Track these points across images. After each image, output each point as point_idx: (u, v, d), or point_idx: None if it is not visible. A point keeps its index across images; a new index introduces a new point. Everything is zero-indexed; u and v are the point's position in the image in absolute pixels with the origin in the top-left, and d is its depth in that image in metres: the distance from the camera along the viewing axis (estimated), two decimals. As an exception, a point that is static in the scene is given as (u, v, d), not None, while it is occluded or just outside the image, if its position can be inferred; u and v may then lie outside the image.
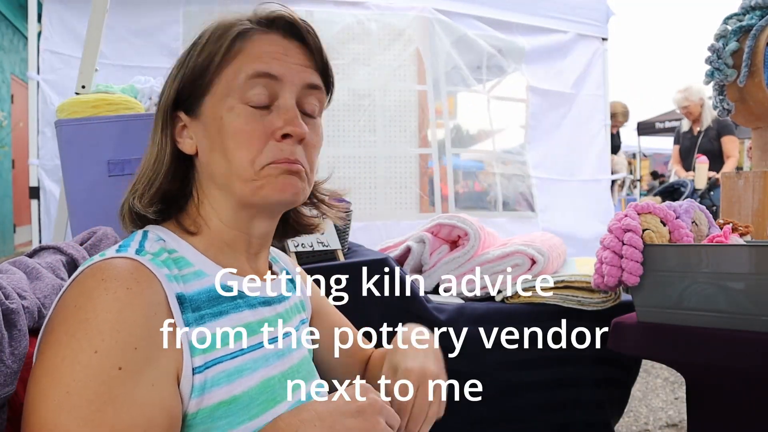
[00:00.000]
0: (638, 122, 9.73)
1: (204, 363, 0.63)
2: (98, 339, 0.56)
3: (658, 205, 1.31)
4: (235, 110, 0.69)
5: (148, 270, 0.63)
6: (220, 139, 0.69)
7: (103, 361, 0.56)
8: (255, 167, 0.69)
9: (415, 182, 3.70)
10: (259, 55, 0.70)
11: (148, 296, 0.61)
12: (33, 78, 2.90)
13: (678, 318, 1.22)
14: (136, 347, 0.58)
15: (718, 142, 4.40)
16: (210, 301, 0.68)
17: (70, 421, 0.54)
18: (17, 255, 0.89)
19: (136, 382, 0.57)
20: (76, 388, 0.55)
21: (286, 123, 0.69)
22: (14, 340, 0.67)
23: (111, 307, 0.58)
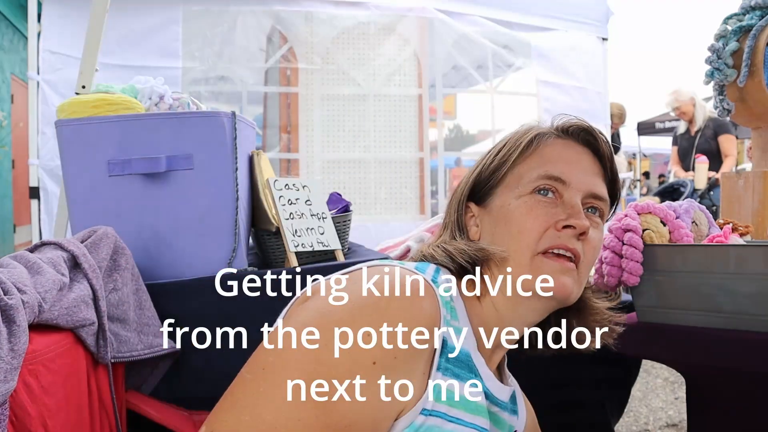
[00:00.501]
0: (638, 122, 9.74)
1: (432, 410, 0.64)
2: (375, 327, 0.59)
3: (658, 205, 1.30)
4: (523, 198, 0.74)
5: (438, 301, 0.66)
6: (504, 223, 0.74)
7: (367, 349, 0.58)
8: (533, 254, 0.72)
9: (415, 182, 3.70)
10: (552, 158, 0.76)
11: (428, 322, 0.63)
12: (33, 78, 2.90)
13: (678, 318, 1.22)
14: (396, 356, 0.60)
15: (716, 142, 4.41)
16: (456, 360, 0.69)
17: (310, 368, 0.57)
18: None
19: (374, 382, 0.59)
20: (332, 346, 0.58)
21: (569, 216, 0.73)
22: (13, 336, 0.67)
23: (404, 311, 0.61)
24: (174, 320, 1.15)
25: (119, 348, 1.00)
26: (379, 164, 3.61)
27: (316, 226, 1.40)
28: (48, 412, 0.79)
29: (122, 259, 1.07)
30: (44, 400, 0.79)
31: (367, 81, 3.60)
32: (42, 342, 0.81)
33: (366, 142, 3.61)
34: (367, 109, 3.62)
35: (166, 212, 1.26)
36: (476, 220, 0.79)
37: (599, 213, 0.78)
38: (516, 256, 0.73)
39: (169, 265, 1.24)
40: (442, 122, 4.25)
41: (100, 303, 0.95)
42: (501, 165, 0.78)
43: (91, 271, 0.95)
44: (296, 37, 3.47)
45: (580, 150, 0.78)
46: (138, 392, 1.11)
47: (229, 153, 1.27)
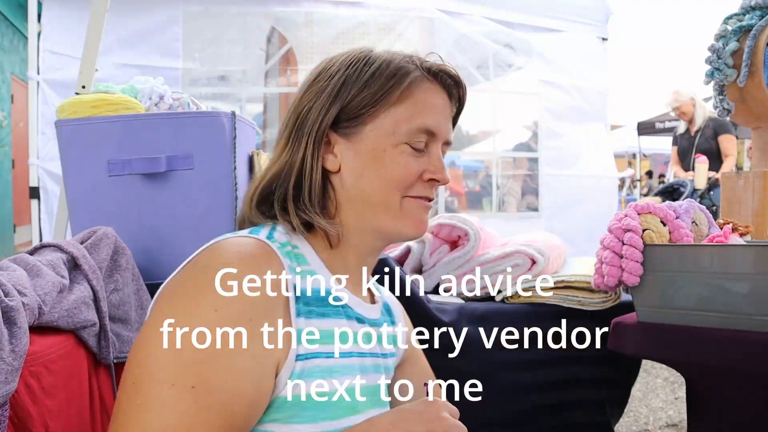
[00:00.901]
0: (638, 122, 9.74)
1: (305, 353, 0.68)
2: (221, 300, 0.62)
3: (658, 205, 1.31)
4: (399, 148, 0.77)
5: (277, 256, 0.69)
6: (377, 167, 0.76)
7: (219, 321, 0.61)
8: (401, 197, 0.77)
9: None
10: (428, 108, 0.78)
11: (273, 278, 0.66)
12: (33, 78, 2.90)
13: (678, 318, 1.22)
14: (251, 318, 0.63)
15: (716, 141, 4.42)
16: (318, 300, 0.73)
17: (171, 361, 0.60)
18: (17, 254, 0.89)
19: (240, 349, 0.62)
20: (186, 335, 0.60)
21: (437, 170, 0.79)
22: (14, 337, 0.67)
23: (239, 274, 0.64)
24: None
25: (121, 348, 1.00)
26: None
27: (316, 226, 1.40)
28: (49, 414, 0.79)
29: (123, 259, 1.07)
30: (45, 401, 0.78)
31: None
32: (43, 343, 0.81)
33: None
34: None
35: (166, 212, 1.26)
36: (335, 149, 0.78)
37: None
38: (387, 200, 0.76)
39: (169, 265, 1.23)
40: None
41: (101, 304, 0.95)
42: (374, 102, 0.77)
43: (91, 272, 0.95)
44: (296, 38, 3.47)
45: (444, 97, 0.82)
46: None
47: (229, 153, 1.27)
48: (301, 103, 0.80)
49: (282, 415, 0.66)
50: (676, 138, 4.87)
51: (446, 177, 0.80)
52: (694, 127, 4.56)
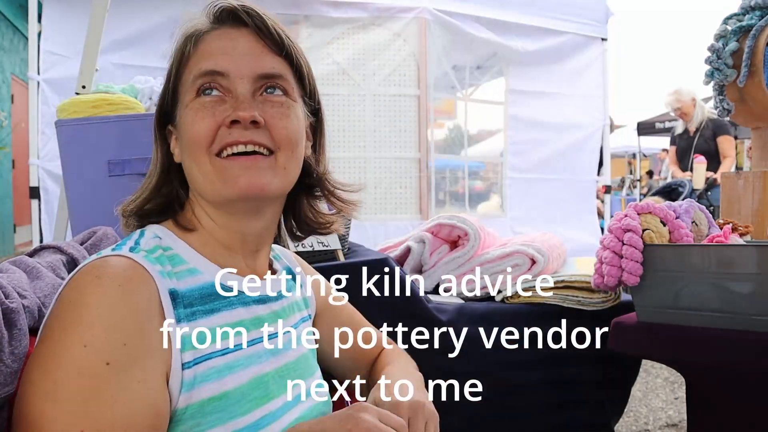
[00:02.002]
0: (638, 122, 9.74)
1: (194, 359, 0.64)
2: (88, 334, 0.58)
3: (658, 205, 1.31)
4: (189, 106, 0.70)
5: (142, 267, 0.64)
6: (183, 137, 0.71)
7: (91, 356, 0.57)
8: (210, 157, 0.69)
9: (414, 183, 3.71)
10: (207, 54, 0.71)
11: (140, 293, 0.62)
12: (33, 78, 2.90)
13: (678, 318, 1.22)
14: (125, 343, 0.59)
15: (714, 142, 4.43)
16: (202, 298, 0.69)
17: (55, 411, 0.55)
18: (17, 255, 0.89)
19: (123, 378, 0.58)
20: (63, 379, 0.56)
21: (234, 109, 0.69)
22: (14, 339, 0.67)
23: (102, 303, 0.59)
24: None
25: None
26: (378, 164, 3.61)
27: (316, 226, 1.40)
28: (48, 413, 0.78)
29: (122, 259, 1.06)
30: (44, 401, 0.78)
31: (366, 81, 3.60)
32: (42, 343, 0.81)
33: (365, 142, 3.61)
34: (366, 109, 3.62)
35: (166, 212, 1.26)
36: (177, 142, 0.75)
37: (283, 90, 0.73)
38: (199, 168, 0.69)
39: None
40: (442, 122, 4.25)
41: (101, 303, 0.95)
42: (175, 81, 0.73)
43: (91, 271, 0.95)
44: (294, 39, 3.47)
45: (236, 34, 0.72)
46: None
47: (229, 153, 1.27)
48: None
49: (186, 426, 0.63)
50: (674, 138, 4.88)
51: (246, 113, 0.68)
52: (693, 128, 4.57)
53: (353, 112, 3.61)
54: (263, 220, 0.76)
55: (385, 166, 3.61)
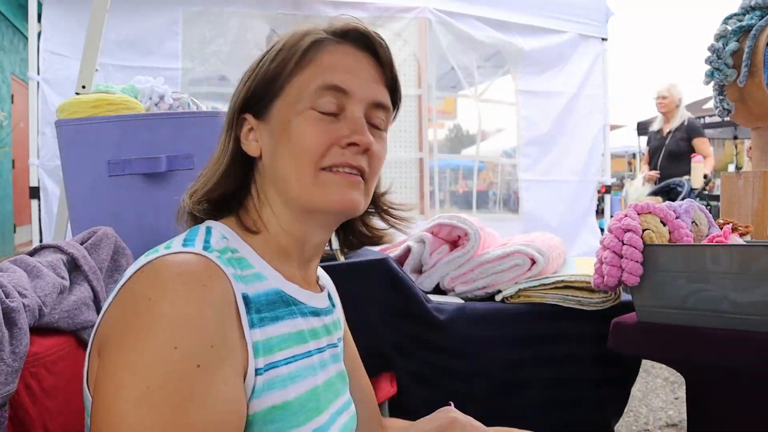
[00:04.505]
0: (638, 122, 9.73)
1: (264, 365, 0.64)
2: (178, 335, 0.56)
3: (658, 205, 1.31)
4: (303, 114, 0.70)
5: (219, 267, 0.63)
6: (285, 141, 0.70)
7: (183, 358, 0.56)
8: (316, 169, 0.70)
9: (414, 183, 3.70)
10: (331, 66, 0.72)
11: (222, 294, 0.62)
12: (33, 78, 2.89)
13: (678, 318, 1.22)
14: (212, 345, 0.58)
15: (686, 143, 4.55)
16: (269, 304, 0.68)
17: (151, 416, 0.54)
18: (17, 255, 0.89)
19: (212, 380, 0.57)
20: (156, 384, 0.54)
21: (353, 132, 0.70)
22: (15, 338, 0.67)
23: (189, 302, 0.58)
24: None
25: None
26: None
27: (316, 226, 1.40)
28: (49, 415, 0.79)
29: (123, 259, 1.07)
30: (45, 402, 0.78)
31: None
32: (43, 344, 0.81)
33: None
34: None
35: (166, 212, 1.25)
36: (255, 134, 0.74)
37: (384, 121, 0.76)
38: (299, 175, 0.70)
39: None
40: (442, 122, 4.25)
41: (102, 304, 0.95)
42: (277, 75, 0.72)
43: (91, 272, 0.95)
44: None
45: (360, 56, 0.74)
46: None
47: (230, 153, 1.27)
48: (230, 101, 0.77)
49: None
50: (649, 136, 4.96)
51: (366, 139, 0.70)
52: (668, 128, 4.66)
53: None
54: (329, 233, 0.79)
55: (385, 166, 3.61)
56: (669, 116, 4.68)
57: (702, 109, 7.95)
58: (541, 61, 3.93)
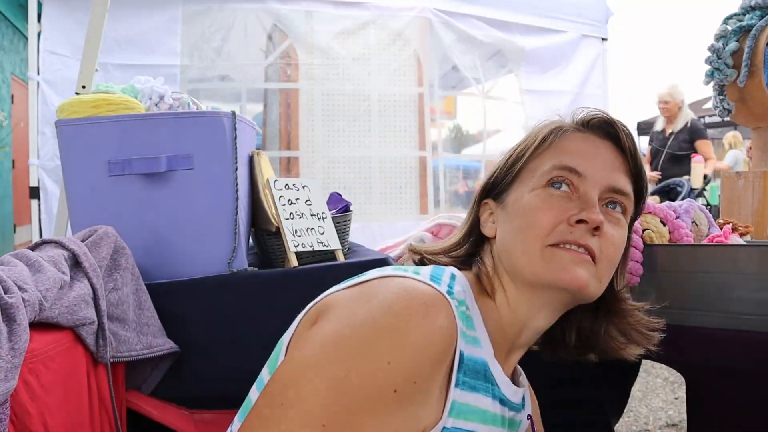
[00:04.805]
0: (638, 122, 9.73)
1: (452, 427, 0.64)
2: (398, 353, 0.57)
3: (658, 205, 1.31)
4: (535, 191, 0.73)
5: (454, 316, 0.63)
6: (516, 217, 0.73)
7: (388, 376, 0.56)
8: (543, 245, 0.70)
9: (415, 183, 3.70)
10: (569, 150, 0.74)
11: (447, 341, 0.62)
12: (33, 78, 2.90)
13: (678, 318, 1.22)
14: (416, 381, 0.58)
15: (688, 145, 4.55)
16: (474, 372, 0.68)
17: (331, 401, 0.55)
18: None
19: (398, 410, 0.57)
20: (353, 380, 0.56)
21: (582, 210, 0.70)
22: (14, 334, 0.67)
23: (423, 333, 0.59)
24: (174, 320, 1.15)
25: (118, 348, 1.00)
26: (379, 163, 3.61)
27: (316, 226, 1.40)
28: (48, 411, 0.79)
29: (122, 258, 1.07)
30: (44, 398, 0.78)
31: (367, 79, 3.60)
32: (42, 341, 0.81)
33: (366, 141, 3.61)
34: (367, 107, 3.62)
35: (166, 212, 1.26)
36: (493, 217, 0.78)
37: (621, 208, 0.75)
38: (526, 248, 0.71)
39: (169, 265, 1.24)
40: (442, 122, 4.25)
41: (100, 302, 0.95)
42: (518, 159, 0.77)
43: (91, 270, 0.95)
44: (297, 35, 3.47)
45: (600, 143, 0.75)
46: (138, 391, 1.11)
47: (229, 153, 1.27)
48: None
49: None
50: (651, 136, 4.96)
51: (595, 216, 0.69)
52: (670, 129, 4.66)
53: (353, 112, 3.61)
54: (550, 319, 0.76)
55: (386, 165, 3.61)
56: (672, 118, 4.67)
57: (702, 109, 7.95)
58: (542, 60, 3.93)
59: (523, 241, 0.71)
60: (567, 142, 0.75)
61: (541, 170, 0.73)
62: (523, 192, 0.74)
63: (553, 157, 0.74)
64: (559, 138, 0.75)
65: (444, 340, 0.61)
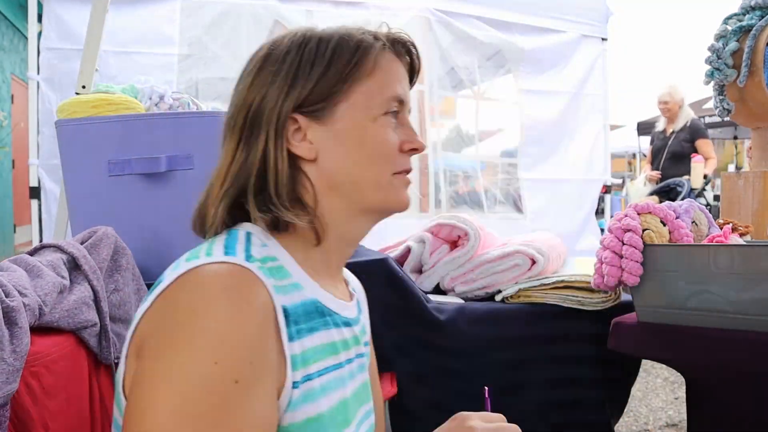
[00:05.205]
0: (638, 122, 9.73)
1: (301, 378, 0.64)
2: (219, 350, 0.57)
3: (658, 205, 1.31)
4: (379, 122, 0.73)
5: (261, 282, 0.62)
6: (360, 146, 0.72)
7: (223, 373, 0.56)
8: (391, 174, 0.74)
9: (415, 182, 3.70)
10: (396, 78, 0.76)
11: (264, 309, 0.61)
12: (33, 78, 2.89)
13: (678, 318, 1.22)
14: (252, 361, 0.58)
15: (689, 144, 4.55)
16: (306, 315, 0.68)
17: (185, 429, 0.54)
18: (17, 255, 0.90)
19: (248, 396, 0.58)
20: (193, 397, 0.55)
21: (413, 139, 0.76)
22: (15, 337, 0.67)
23: (232, 318, 0.58)
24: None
25: (121, 349, 1.00)
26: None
27: (317, 226, 1.40)
28: (49, 414, 0.79)
29: (123, 259, 1.07)
30: (46, 402, 0.78)
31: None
32: (44, 344, 0.81)
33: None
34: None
35: (166, 212, 1.26)
36: (308, 135, 0.71)
37: None
38: (379, 179, 0.73)
39: (169, 265, 1.24)
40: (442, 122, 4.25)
41: (102, 304, 0.95)
42: (345, 78, 0.71)
43: (91, 272, 0.95)
44: None
45: (404, 64, 0.79)
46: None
47: (230, 153, 1.27)
48: (250, 95, 0.72)
49: None
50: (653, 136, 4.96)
51: (422, 145, 0.77)
52: (671, 128, 4.66)
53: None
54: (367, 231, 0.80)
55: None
56: (672, 118, 4.68)
57: (702, 109, 7.95)
58: (542, 60, 3.92)
59: (376, 173, 0.73)
60: (389, 66, 0.75)
61: (379, 98, 0.73)
62: (362, 119, 0.72)
63: (383, 83, 0.74)
64: (381, 59, 0.74)
65: (257, 311, 0.60)
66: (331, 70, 0.71)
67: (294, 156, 0.72)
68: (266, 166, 0.70)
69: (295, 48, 0.72)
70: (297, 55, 0.72)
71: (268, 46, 0.75)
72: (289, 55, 0.72)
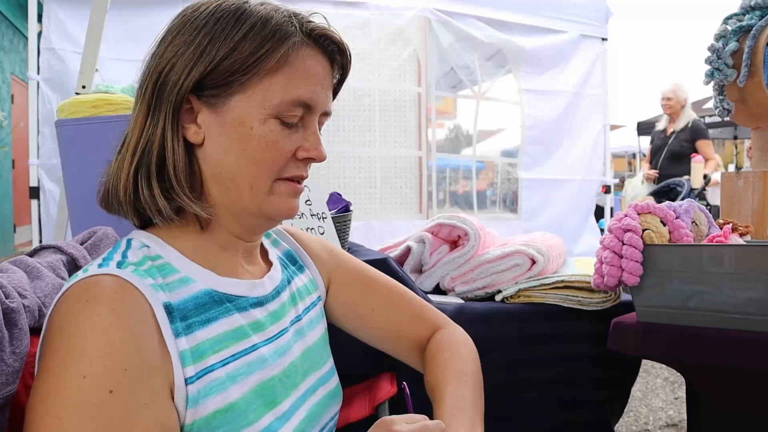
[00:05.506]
0: (638, 122, 9.74)
1: (196, 373, 0.63)
2: (86, 364, 0.56)
3: (658, 205, 1.31)
4: (268, 125, 0.68)
5: (132, 285, 0.61)
6: (242, 145, 0.68)
7: (93, 386, 0.55)
8: (272, 180, 0.70)
9: (415, 182, 3.71)
10: (305, 77, 0.69)
11: (135, 314, 0.60)
12: (33, 78, 2.90)
13: (678, 318, 1.22)
14: (126, 368, 0.57)
15: (690, 145, 4.55)
16: (198, 308, 0.66)
17: None
18: (17, 255, 0.89)
19: (128, 403, 0.56)
20: (67, 415, 0.54)
21: (312, 147, 0.71)
22: (15, 338, 0.67)
23: (97, 330, 0.57)
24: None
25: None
26: (379, 162, 3.61)
27: (316, 226, 1.40)
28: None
29: (122, 259, 1.06)
30: (45, 401, 0.78)
31: (367, 78, 3.60)
32: (43, 343, 0.81)
33: (364, 141, 3.61)
34: (366, 106, 3.62)
35: (167, 212, 1.26)
36: (198, 119, 0.69)
37: None
38: (255, 183, 0.69)
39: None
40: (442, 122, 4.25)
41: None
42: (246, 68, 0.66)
43: (91, 271, 0.95)
44: None
45: (325, 64, 0.72)
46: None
47: (230, 153, 1.27)
48: (164, 59, 0.68)
49: None
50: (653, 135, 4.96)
51: (322, 154, 0.72)
52: (672, 128, 4.66)
53: (352, 111, 3.61)
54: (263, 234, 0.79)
55: (385, 165, 3.62)
56: (674, 117, 4.67)
57: (702, 109, 7.96)
58: (542, 60, 3.93)
59: (254, 176, 0.68)
60: (301, 63, 0.68)
61: (276, 97, 0.67)
62: (251, 117, 0.67)
63: (287, 82, 0.68)
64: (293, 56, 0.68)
65: (127, 316, 0.59)
66: (234, 56, 0.66)
67: None
68: (164, 147, 0.68)
69: (212, 20, 0.67)
70: (210, 29, 0.67)
71: (190, 9, 0.71)
72: (205, 26, 0.67)
